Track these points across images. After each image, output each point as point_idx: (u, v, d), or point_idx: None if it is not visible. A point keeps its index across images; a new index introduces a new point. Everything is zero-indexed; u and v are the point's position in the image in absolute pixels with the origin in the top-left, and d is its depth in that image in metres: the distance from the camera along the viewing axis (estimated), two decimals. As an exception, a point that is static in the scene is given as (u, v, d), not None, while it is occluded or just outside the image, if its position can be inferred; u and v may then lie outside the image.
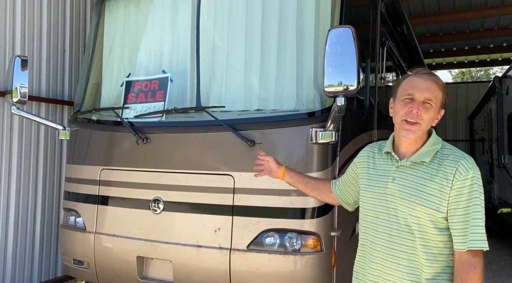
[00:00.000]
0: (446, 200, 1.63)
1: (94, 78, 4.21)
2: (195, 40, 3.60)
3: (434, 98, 1.70)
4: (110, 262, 3.53)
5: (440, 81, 1.75)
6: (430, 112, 1.69)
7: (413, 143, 1.75)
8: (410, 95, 1.70)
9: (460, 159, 1.66)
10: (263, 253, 3.02)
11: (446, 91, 1.76)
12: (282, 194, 3.04)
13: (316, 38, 3.31)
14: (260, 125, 3.14)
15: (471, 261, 1.58)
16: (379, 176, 1.82)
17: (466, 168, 1.64)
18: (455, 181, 1.62)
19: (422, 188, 1.67)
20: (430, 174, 1.67)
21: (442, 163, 1.66)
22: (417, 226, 1.67)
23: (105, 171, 3.65)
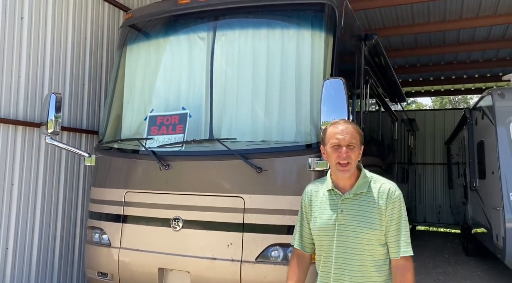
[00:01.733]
0: (384, 221, 2.00)
1: (115, 111, 4.78)
2: (209, 82, 4.22)
3: (354, 140, 2.07)
4: (133, 274, 4.03)
5: (354, 126, 2.12)
6: (355, 151, 2.06)
7: (348, 179, 2.09)
8: (336, 143, 2.07)
9: (388, 185, 2.06)
10: (270, 264, 3.58)
11: (360, 131, 2.13)
12: (285, 214, 3.63)
13: (312, 82, 3.98)
14: (267, 155, 3.76)
15: (405, 265, 1.98)
16: (327, 210, 2.12)
17: (393, 192, 2.03)
18: (388, 204, 2.01)
19: (366, 214, 2.02)
20: (369, 201, 2.03)
21: (377, 191, 2.04)
22: (366, 245, 2.02)
23: (129, 193, 4.19)
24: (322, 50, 4.02)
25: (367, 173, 2.13)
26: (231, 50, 4.25)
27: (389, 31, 8.97)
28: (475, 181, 7.53)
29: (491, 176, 6.16)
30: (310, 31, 4.11)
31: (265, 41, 4.16)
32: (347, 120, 2.26)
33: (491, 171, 6.11)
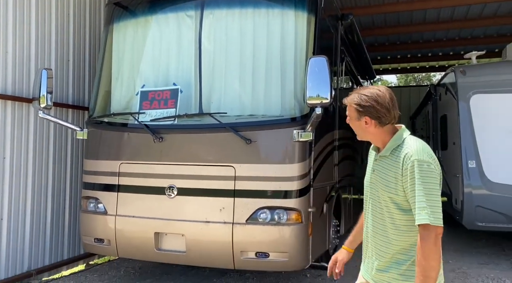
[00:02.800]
0: (401, 185, 1.90)
1: (105, 87, 4.95)
2: (198, 59, 4.47)
3: (349, 112, 2.07)
4: (130, 239, 4.33)
5: (354, 97, 2.04)
6: (352, 122, 2.08)
7: (378, 142, 2.07)
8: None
9: (408, 149, 1.92)
10: (259, 225, 3.97)
11: (357, 103, 2.01)
12: (273, 180, 4.01)
13: (295, 60, 4.30)
14: (255, 127, 4.09)
15: (422, 234, 1.81)
16: (369, 167, 2.16)
17: (410, 156, 1.89)
18: (404, 169, 1.90)
19: (385, 176, 1.98)
20: (389, 164, 1.98)
21: (398, 155, 1.95)
22: (385, 207, 1.98)
23: (124, 164, 4.44)
24: (305, 29, 4.34)
25: (398, 137, 2.01)
26: (218, 28, 4.49)
27: (360, 10, 9.32)
28: (438, 152, 8.17)
29: (452, 147, 6.75)
30: (294, 11, 4.40)
31: (251, 20, 4.43)
32: (358, 89, 2.09)
33: (453, 142, 6.70)
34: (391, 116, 2.01)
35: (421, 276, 1.79)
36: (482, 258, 6.39)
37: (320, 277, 5.21)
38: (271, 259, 3.97)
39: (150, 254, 4.29)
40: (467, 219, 5.96)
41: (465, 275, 5.45)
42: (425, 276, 1.79)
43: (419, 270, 1.81)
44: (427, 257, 1.79)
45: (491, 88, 6.01)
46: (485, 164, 5.82)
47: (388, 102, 1.99)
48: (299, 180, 4.03)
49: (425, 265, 1.79)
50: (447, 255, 6.58)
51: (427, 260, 1.79)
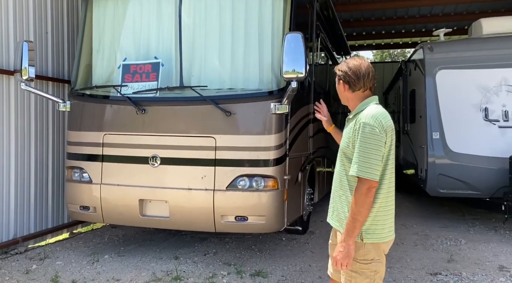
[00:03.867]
0: (352, 143, 2.24)
1: (86, 60, 5.04)
2: (178, 33, 4.61)
3: (336, 76, 2.40)
4: (115, 206, 4.56)
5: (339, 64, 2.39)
6: (338, 87, 2.41)
7: (352, 107, 2.39)
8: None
9: (362, 114, 2.25)
10: (238, 192, 4.26)
11: (338, 69, 2.36)
12: (251, 150, 4.27)
13: (272, 35, 4.50)
14: (235, 100, 4.32)
15: (357, 184, 2.16)
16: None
17: (359, 119, 2.22)
18: (354, 129, 2.23)
19: (345, 134, 2.34)
20: (350, 126, 2.32)
21: (355, 119, 2.29)
22: (340, 161, 2.35)
23: (107, 135, 4.61)
24: (282, 5, 4.53)
25: (364, 104, 2.31)
26: (198, 2, 4.62)
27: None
28: (407, 125, 8.61)
29: (419, 120, 7.17)
30: (271, -12, 4.56)
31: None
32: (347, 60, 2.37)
33: (420, 115, 7.10)
34: (361, 84, 2.31)
35: (351, 218, 2.15)
36: (443, 222, 6.94)
37: (294, 241, 5.60)
38: (250, 222, 4.29)
39: (135, 220, 4.54)
40: (430, 187, 6.43)
41: (427, 237, 5.95)
42: (354, 218, 2.14)
43: (350, 213, 2.16)
44: (356, 203, 2.14)
45: (456, 64, 6.39)
46: (448, 135, 6.25)
47: (359, 71, 2.30)
48: (275, 149, 4.31)
49: (355, 210, 2.14)
50: (412, 220, 7.11)
51: (356, 205, 2.13)
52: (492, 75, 6.20)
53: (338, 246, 2.19)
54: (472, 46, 6.63)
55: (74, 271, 4.39)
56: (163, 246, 5.31)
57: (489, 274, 4.40)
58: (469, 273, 4.43)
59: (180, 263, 4.62)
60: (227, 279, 4.17)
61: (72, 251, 5.12)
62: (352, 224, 2.13)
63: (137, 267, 4.50)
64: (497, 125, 6.13)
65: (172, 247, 5.25)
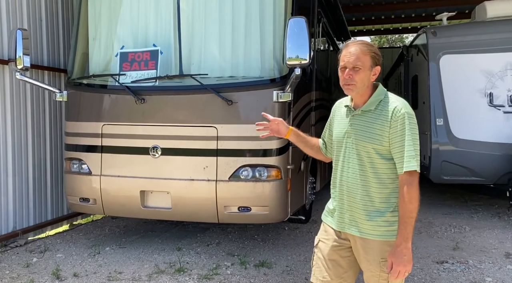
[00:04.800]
0: (387, 137, 2.02)
1: (82, 49, 4.90)
2: (177, 20, 4.46)
3: (360, 62, 2.04)
4: (116, 197, 4.47)
5: (364, 47, 2.06)
6: (360, 74, 2.04)
7: (360, 97, 2.12)
8: (343, 66, 2.09)
9: (395, 104, 2.04)
10: (241, 182, 4.18)
11: (373, 51, 2.07)
12: (254, 140, 4.17)
13: (274, 21, 4.37)
14: (236, 88, 4.20)
15: (408, 180, 1.97)
16: (342, 123, 2.23)
17: (399, 109, 2.01)
18: (392, 121, 2.01)
19: (368, 129, 2.07)
20: (374, 118, 2.07)
21: (384, 109, 2.06)
22: (367, 158, 2.07)
23: (106, 125, 4.50)
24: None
25: (380, 92, 2.12)
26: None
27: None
28: (408, 112, 8.49)
29: (422, 106, 7.07)
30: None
31: (230, -20, 4.41)
32: (360, 41, 2.13)
33: (423, 101, 7.01)
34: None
35: (407, 218, 1.96)
36: (446, 209, 6.90)
37: (297, 230, 5.55)
38: (253, 212, 4.22)
39: (137, 211, 4.46)
40: (434, 174, 6.37)
41: (430, 224, 5.91)
42: (411, 217, 1.96)
43: (405, 213, 1.96)
44: (413, 200, 1.96)
45: (460, 49, 6.26)
46: (452, 121, 6.16)
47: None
48: (278, 139, 4.21)
49: (411, 208, 1.96)
50: (414, 207, 7.06)
51: (412, 203, 1.96)
52: (497, 60, 6.09)
53: (399, 253, 1.98)
54: (477, 30, 6.50)
55: (75, 264, 4.33)
56: (165, 237, 5.25)
57: (496, 262, 4.36)
58: (476, 261, 4.38)
59: (183, 254, 4.56)
60: (231, 270, 4.12)
61: (72, 243, 5.05)
62: (411, 225, 1.97)
63: (139, 259, 4.44)
64: (502, 111, 6.05)
65: (174, 238, 5.19)
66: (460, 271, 4.10)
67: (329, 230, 2.25)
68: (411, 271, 3.99)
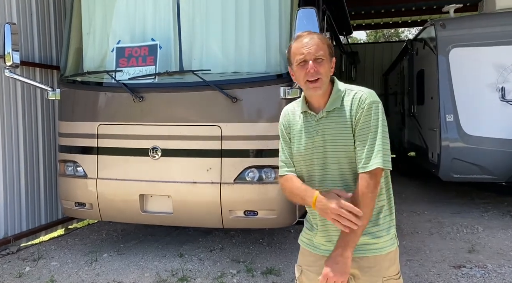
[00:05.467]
0: (353, 131, 1.77)
1: (76, 44, 4.61)
2: (176, 12, 4.19)
3: (322, 51, 1.77)
4: (114, 202, 4.21)
5: (319, 36, 1.82)
6: (325, 65, 1.77)
7: (322, 97, 1.83)
8: (302, 59, 1.77)
9: (360, 94, 1.79)
10: (247, 184, 3.93)
11: (328, 42, 1.83)
12: (260, 139, 3.92)
13: (280, 13, 4.10)
14: (241, 85, 3.95)
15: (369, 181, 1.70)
16: (304, 134, 1.86)
17: (364, 99, 1.76)
18: (356, 112, 1.76)
19: (341, 130, 1.78)
20: (343, 116, 1.79)
21: (349, 103, 1.79)
22: (347, 165, 1.78)
23: (102, 125, 4.23)
24: (289, -21, 4.10)
25: (340, 85, 1.87)
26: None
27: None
28: (413, 107, 8.28)
29: (429, 101, 6.83)
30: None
31: (233, -30, 4.14)
32: (311, 31, 1.87)
33: (430, 96, 6.77)
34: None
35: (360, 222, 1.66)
36: (454, 208, 6.68)
37: (304, 232, 5.31)
38: (260, 216, 3.97)
39: (136, 217, 4.20)
40: (443, 172, 6.15)
41: (441, 225, 5.69)
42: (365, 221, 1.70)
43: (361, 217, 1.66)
44: (369, 206, 1.70)
45: (470, 42, 6.02)
46: (462, 117, 5.93)
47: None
48: (286, 137, 3.96)
49: (367, 210, 1.69)
50: (421, 206, 6.85)
51: (367, 208, 1.69)
52: (509, 52, 5.85)
53: (332, 259, 1.72)
54: (487, 21, 6.26)
55: (71, 273, 4.07)
56: (166, 242, 5.00)
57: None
58: (495, 265, 4.17)
59: (185, 261, 4.31)
60: (238, 279, 3.88)
61: (68, 249, 4.79)
62: (355, 233, 1.69)
63: (139, 267, 4.19)
64: None
65: (175, 243, 4.94)
66: (480, 277, 3.88)
67: (312, 256, 1.90)
68: (429, 277, 3.78)
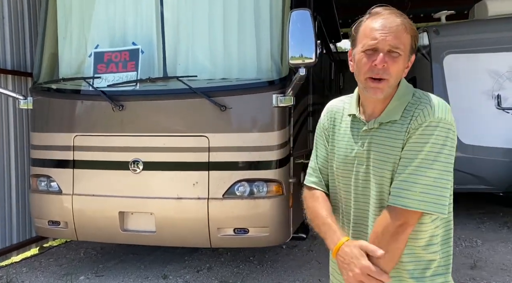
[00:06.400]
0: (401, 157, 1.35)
1: (51, 49, 4.28)
2: (160, 13, 3.90)
3: (402, 45, 1.32)
4: (91, 220, 3.85)
5: (404, 21, 1.33)
6: (399, 63, 1.32)
7: (381, 102, 1.40)
8: (372, 45, 1.32)
9: (424, 106, 1.34)
10: (237, 199, 3.63)
11: (416, 34, 1.37)
12: (251, 150, 3.63)
13: (271, 15, 3.84)
14: (230, 92, 3.66)
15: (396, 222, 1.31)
16: (347, 141, 1.48)
17: (425, 114, 1.32)
18: (411, 132, 1.33)
19: (390, 150, 1.36)
20: (398, 132, 1.35)
21: (409, 115, 1.34)
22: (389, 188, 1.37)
23: (79, 137, 3.88)
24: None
25: (407, 91, 1.40)
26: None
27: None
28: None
29: (422, 110, 6.63)
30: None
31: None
32: (395, 10, 1.36)
33: (423, 105, 6.57)
34: None
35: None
36: (450, 219, 6.46)
37: (296, 248, 5.02)
38: (251, 234, 3.67)
39: (115, 236, 3.85)
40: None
41: (438, 238, 5.45)
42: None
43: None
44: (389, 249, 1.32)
45: (465, 48, 5.86)
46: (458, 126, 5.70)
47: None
48: (279, 149, 3.69)
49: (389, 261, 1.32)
50: (416, 218, 6.62)
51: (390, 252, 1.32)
52: (505, 59, 5.70)
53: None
54: (482, 27, 6.12)
55: (43, 300, 3.69)
56: (149, 261, 4.64)
57: (522, 283, 3.92)
58: (499, 282, 3.93)
59: (170, 283, 3.97)
60: (227, 303, 3.56)
61: (41, 272, 4.39)
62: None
63: (119, 291, 3.84)
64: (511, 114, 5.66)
65: (159, 262, 4.59)
66: (487, 296, 3.64)
67: None
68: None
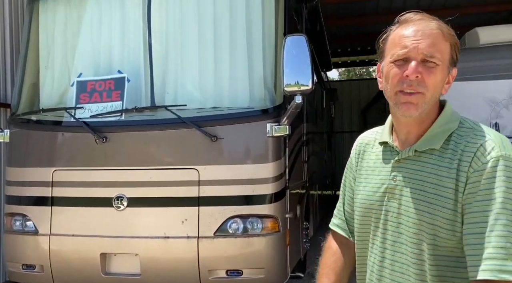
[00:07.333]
0: (461, 202, 1.10)
1: (31, 78, 4.06)
2: (147, 40, 3.73)
3: (439, 53, 1.14)
4: (70, 263, 3.52)
5: (440, 26, 1.16)
6: (436, 74, 1.14)
7: (417, 124, 1.20)
8: (402, 55, 1.15)
9: (481, 139, 1.12)
10: (230, 237, 3.34)
11: (456, 42, 1.18)
12: (244, 183, 3.38)
13: (264, 42, 3.68)
14: (221, 121, 3.44)
15: None
16: (377, 176, 1.29)
17: (488, 150, 1.10)
18: (471, 172, 1.10)
19: (431, 188, 1.15)
20: (442, 167, 1.14)
21: (458, 149, 1.14)
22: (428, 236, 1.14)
23: (58, 172, 3.60)
24: (273, 6, 3.74)
25: (453, 116, 1.21)
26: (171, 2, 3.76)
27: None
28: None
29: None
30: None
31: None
32: (426, 14, 1.19)
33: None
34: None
35: None
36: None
37: (293, 288, 4.68)
38: (245, 276, 3.36)
39: (96, 280, 3.50)
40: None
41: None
42: None
43: None
44: None
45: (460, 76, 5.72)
46: (456, 155, 5.57)
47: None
48: (274, 181, 3.44)
49: None
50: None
51: None
52: (500, 87, 5.62)
53: None
54: (476, 56, 6.07)
55: None
56: (134, 306, 4.25)
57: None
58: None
59: (156, 332, 3.59)
60: None
61: (14, 321, 3.98)
62: None
63: None
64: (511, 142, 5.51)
65: (144, 307, 4.20)
66: None
67: None
68: None
